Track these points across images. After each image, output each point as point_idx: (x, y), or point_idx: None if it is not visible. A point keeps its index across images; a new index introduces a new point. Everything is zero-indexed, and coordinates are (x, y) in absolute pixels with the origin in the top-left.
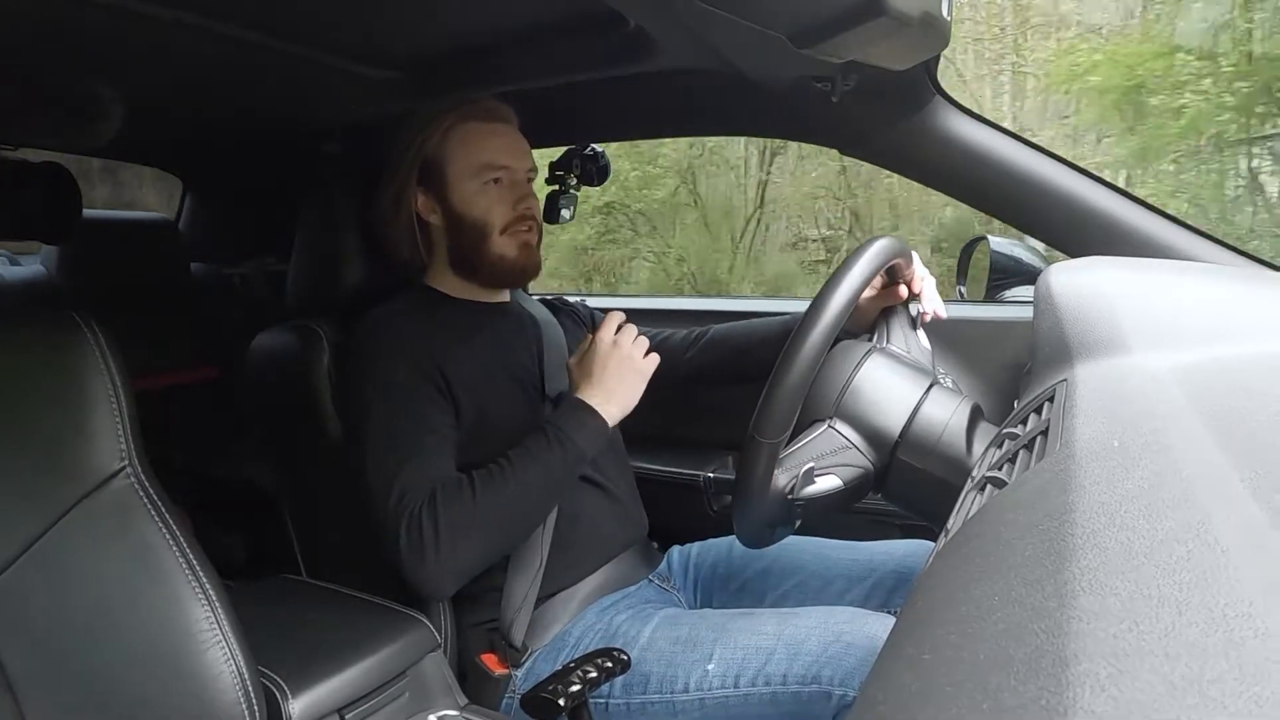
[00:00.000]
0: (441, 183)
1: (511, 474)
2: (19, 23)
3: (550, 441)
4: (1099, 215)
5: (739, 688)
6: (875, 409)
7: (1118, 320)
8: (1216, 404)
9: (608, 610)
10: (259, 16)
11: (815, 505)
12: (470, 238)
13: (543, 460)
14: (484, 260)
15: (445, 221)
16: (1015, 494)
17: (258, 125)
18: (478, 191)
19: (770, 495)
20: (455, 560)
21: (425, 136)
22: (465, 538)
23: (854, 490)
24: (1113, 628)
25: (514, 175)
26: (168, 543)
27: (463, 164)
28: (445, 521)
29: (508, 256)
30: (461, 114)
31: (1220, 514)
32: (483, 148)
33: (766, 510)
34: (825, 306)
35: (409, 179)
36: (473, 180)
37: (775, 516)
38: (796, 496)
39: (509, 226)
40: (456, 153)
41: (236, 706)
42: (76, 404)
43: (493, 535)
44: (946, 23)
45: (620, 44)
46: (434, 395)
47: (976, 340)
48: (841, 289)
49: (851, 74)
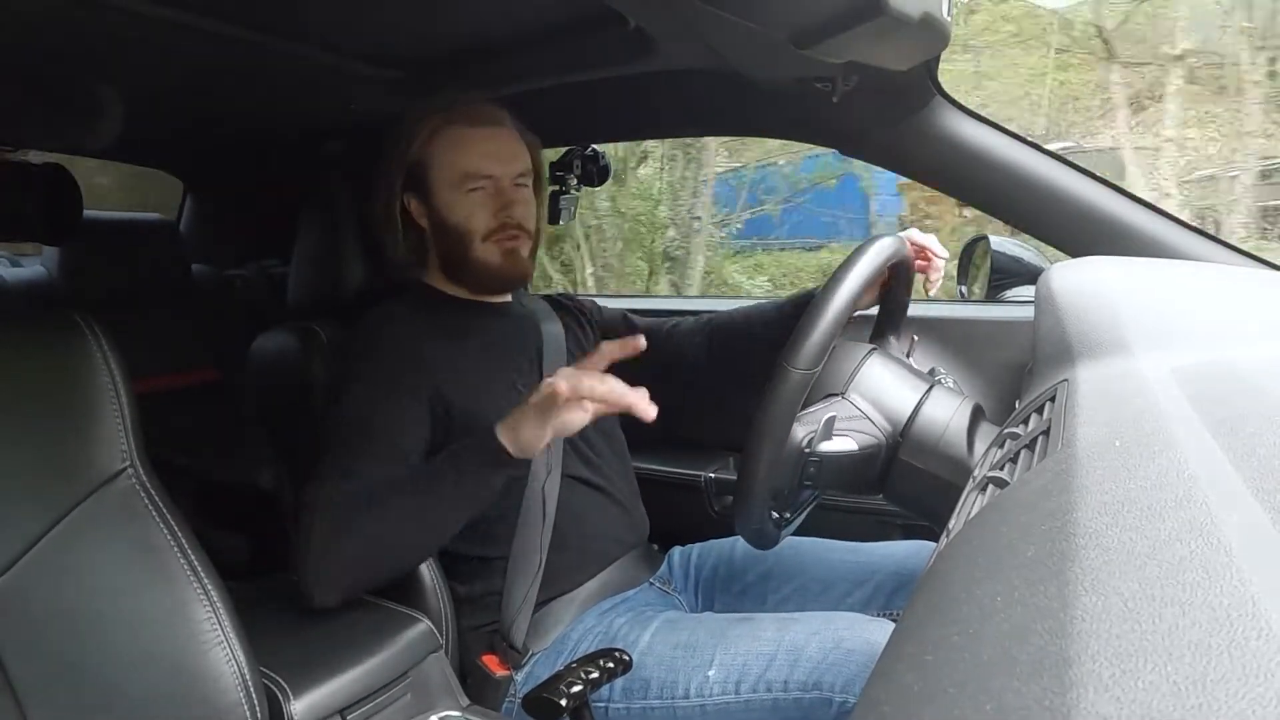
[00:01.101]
0: (426, 188)
1: (398, 494)
2: (19, 23)
3: (445, 466)
4: (1100, 215)
5: (740, 694)
6: (887, 386)
7: (1119, 320)
8: (1218, 404)
9: (607, 614)
10: (260, 17)
11: (828, 468)
12: (453, 244)
13: (434, 481)
14: (468, 267)
15: (431, 226)
16: (1017, 494)
17: (258, 126)
18: (459, 199)
19: (787, 450)
20: (326, 571)
21: (410, 141)
22: (338, 551)
23: (866, 460)
24: (1116, 628)
25: (498, 182)
26: (170, 543)
27: (445, 171)
28: (324, 532)
29: (491, 264)
30: (447, 117)
31: (1223, 514)
32: (466, 154)
33: (782, 471)
34: (864, 254)
35: (396, 183)
36: (454, 188)
37: (786, 479)
38: (813, 451)
39: (491, 234)
40: (439, 159)
41: (238, 707)
42: (78, 405)
43: (373, 554)
44: (947, 22)
45: (620, 44)
46: (409, 405)
47: (977, 340)
48: (878, 246)
49: (852, 74)
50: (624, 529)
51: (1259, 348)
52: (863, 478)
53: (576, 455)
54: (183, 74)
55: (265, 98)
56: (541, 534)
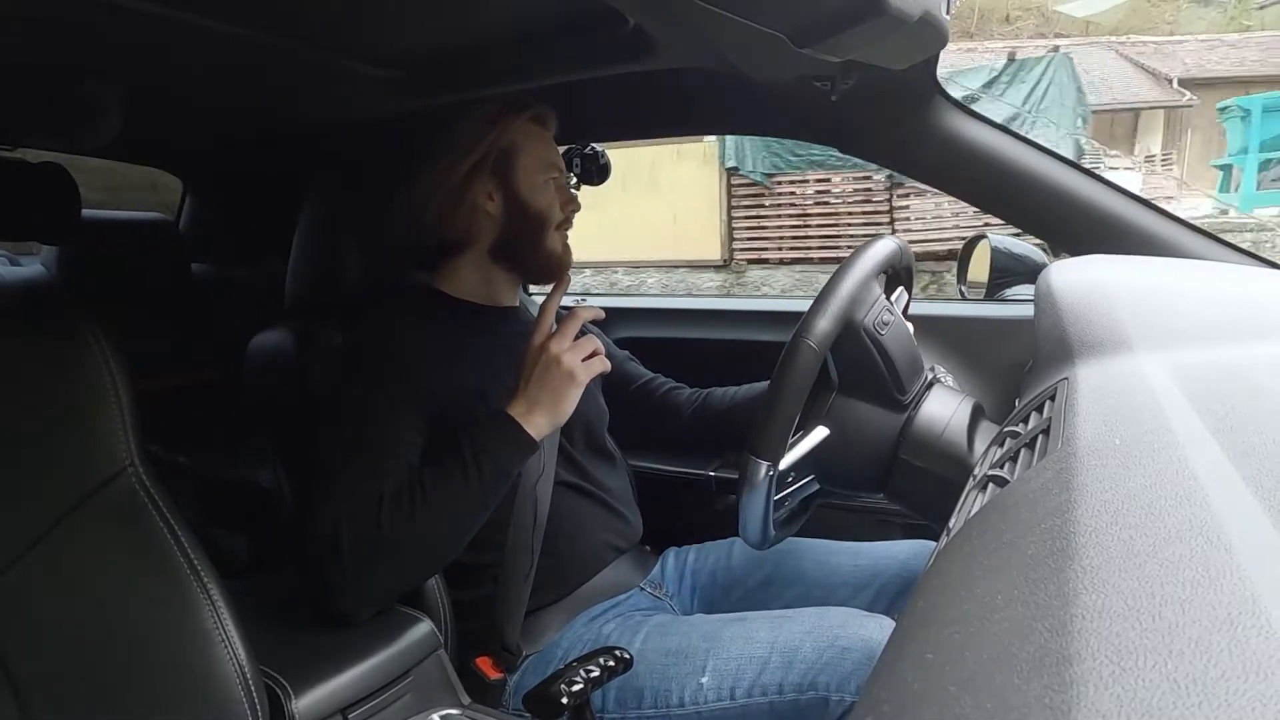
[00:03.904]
0: (510, 173)
1: (421, 498)
2: (18, 22)
3: (466, 460)
4: (1100, 213)
5: (735, 699)
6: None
7: (1119, 318)
8: (1218, 402)
9: (596, 620)
10: (260, 15)
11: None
12: (528, 229)
13: (457, 479)
14: (535, 252)
15: (505, 211)
16: (1017, 492)
17: (258, 125)
18: (543, 186)
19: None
20: (366, 585)
21: (503, 125)
22: (374, 563)
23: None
24: (1116, 626)
25: (564, 179)
26: (170, 543)
27: (534, 158)
28: (357, 547)
29: (556, 251)
30: (533, 115)
31: (1223, 512)
32: (547, 148)
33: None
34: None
35: (483, 164)
36: (540, 175)
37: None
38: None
39: (560, 224)
40: (527, 146)
41: (239, 706)
42: (78, 404)
43: (409, 560)
44: (946, 21)
45: (620, 43)
46: (410, 416)
47: (977, 339)
48: (879, 245)
49: (851, 73)
50: (614, 534)
51: (1259, 346)
52: (863, 477)
53: (564, 459)
54: (182, 73)
55: (265, 96)
56: (533, 537)
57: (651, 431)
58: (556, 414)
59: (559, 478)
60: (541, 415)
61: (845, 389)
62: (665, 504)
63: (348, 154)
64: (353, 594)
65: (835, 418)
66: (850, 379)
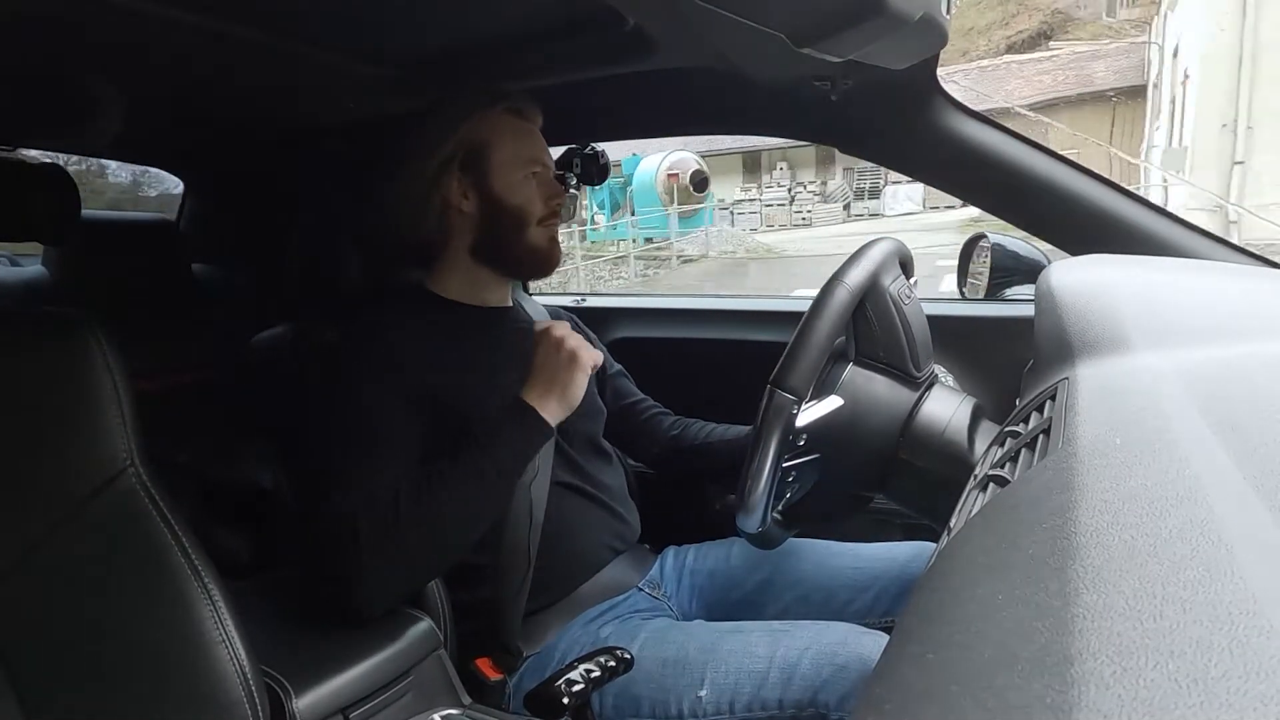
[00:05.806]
0: (483, 169)
1: (441, 485)
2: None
3: (483, 447)
4: (1100, 213)
5: (734, 713)
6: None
7: (1119, 318)
8: (1219, 402)
9: (594, 622)
10: (259, 15)
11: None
12: (506, 226)
13: (475, 467)
14: (516, 250)
15: (480, 209)
16: (1018, 492)
17: (257, 124)
18: (521, 182)
19: None
20: (384, 581)
21: (471, 122)
22: (392, 558)
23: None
24: (1117, 625)
25: (548, 173)
26: (171, 543)
27: (509, 153)
28: (373, 538)
29: (541, 248)
30: (508, 106)
31: (1224, 511)
32: (527, 141)
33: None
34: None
35: (450, 162)
36: (518, 170)
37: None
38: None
39: (543, 220)
40: (502, 141)
41: (240, 706)
42: (78, 405)
43: (424, 553)
44: (946, 21)
45: (620, 43)
46: (408, 416)
47: (978, 338)
48: (879, 245)
49: (851, 73)
50: (612, 534)
51: (1260, 346)
52: (863, 476)
53: (562, 459)
54: (183, 74)
55: (265, 97)
56: (530, 537)
57: (625, 450)
58: (567, 398)
59: (556, 478)
60: (554, 400)
61: (862, 359)
62: (664, 503)
63: (346, 154)
64: (368, 587)
65: (849, 389)
66: (868, 347)
